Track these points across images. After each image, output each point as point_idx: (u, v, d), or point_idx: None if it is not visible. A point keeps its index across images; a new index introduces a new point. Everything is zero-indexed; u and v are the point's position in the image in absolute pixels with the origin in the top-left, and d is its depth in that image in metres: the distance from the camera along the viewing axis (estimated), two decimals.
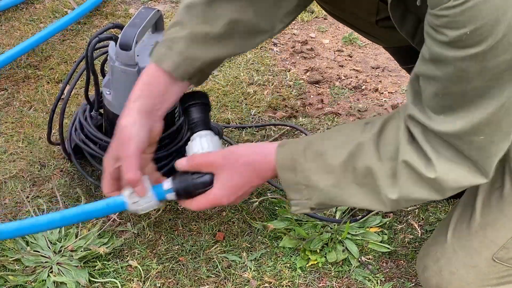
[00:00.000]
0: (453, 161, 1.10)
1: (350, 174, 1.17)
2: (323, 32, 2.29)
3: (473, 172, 1.11)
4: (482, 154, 1.09)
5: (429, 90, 1.07)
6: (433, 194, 1.14)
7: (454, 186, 1.12)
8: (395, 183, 1.14)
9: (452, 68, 1.01)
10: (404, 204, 1.18)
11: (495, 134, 1.06)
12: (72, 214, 1.29)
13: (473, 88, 1.02)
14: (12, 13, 2.23)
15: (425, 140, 1.10)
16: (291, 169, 1.21)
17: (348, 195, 1.19)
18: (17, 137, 1.74)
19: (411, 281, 1.46)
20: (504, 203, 1.24)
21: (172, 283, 1.42)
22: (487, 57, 0.97)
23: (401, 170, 1.13)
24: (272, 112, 1.91)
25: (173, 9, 2.33)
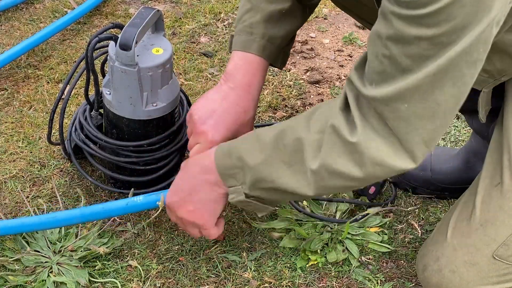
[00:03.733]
0: (377, 132, 1.07)
1: (279, 151, 1.17)
2: (323, 32, 2.29)
3: (397, 150, 1.07)
4: (405, 127, 1.05)
5: (372, 50, 1.05)
6: (354, 167, 1.09)
7: (376, 158, 1.07)
8: (319, 152, 1.12)
9: (393, 25, 0.99)
10: (327, 179, 1.12)
11: (418, 104, 1.02)
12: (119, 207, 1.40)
13: (409, 54, 0.99)
14: (12, 13, 2.23)
15: (356, 106, 1.08)
16: (226, 154, 1.23)
17: (277, 175, 1.17)
18: (17, 137, 1.74)
19: (411, 281, 1.46)
20: (504, 200, 1.24)
21: (172, 283, 1.42)
22: (428, 22, 0.95)
23: (327, 136, 1.11)
24: (272, 112, 1.91)
25: (173, 9, 2.33)
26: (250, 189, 1.22)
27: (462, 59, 0.98)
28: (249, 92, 1.36)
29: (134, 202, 1.39)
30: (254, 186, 1.22)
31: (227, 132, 1.34)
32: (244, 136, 1.26)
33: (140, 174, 1.54)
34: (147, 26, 1.40)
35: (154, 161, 1.53)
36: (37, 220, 1.39)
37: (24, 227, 1.40)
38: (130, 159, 1.51)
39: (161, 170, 1.54)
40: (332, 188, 1.18)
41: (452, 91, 1.01)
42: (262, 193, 1.23)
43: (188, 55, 2.10)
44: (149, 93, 1.43)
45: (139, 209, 1.42)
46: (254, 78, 1.36)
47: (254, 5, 1.38)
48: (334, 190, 1.19)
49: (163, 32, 1.49)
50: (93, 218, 1.43)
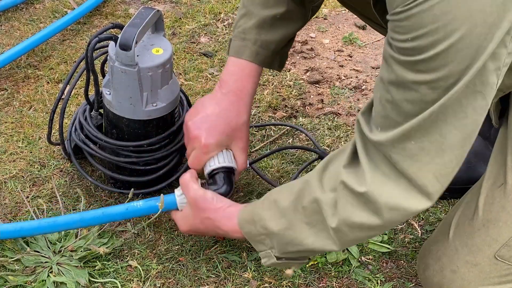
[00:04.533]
0: (388, 177, 1.07)
1: (299, 214, 1.19)
2: (323, 32, 2.29)
3: (410, 191, 1.08)
4: (414, 165, 1.05)
5: (377, 95, 1.07)
6: (371, 216, 1.11)
7: (390, 204, 1.08)
8: (335, 209, 1.14)
9: (393, 70, 1.00)
10: (348, 233, 1.15)
11: (424, 138, 1.03)
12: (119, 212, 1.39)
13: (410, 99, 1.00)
14: (12, 13, 2.22)
15: (364, 152, 1.10)
16: (250, 222, 1.26)
17: (302, 237, 1.20)
18: (17, 137, 1.74)
19: (411, 281, 1.46)
20: (507, 200, 1.24)
21: (172, 283, 1.42)
22: (426, 67, 0.96)
23: (339, 193, 1.13)
24: (272, 112, 1.91)
25: (173, 9, 2.33)
26: (280, 252, 1.25)
27: (460, 94, 0.98)
28: (241, 97, 1.38)
29: (134, 207, 1.39)
30: (283, 250, 1.24)
31: (220, 136, 1.36)
32: (262, 200, 1.28)
33: (140, 174, 1.54)
34: (147, 26, 1.40)
35: (154, 161, 1.53)
36: (37, 224, 1.39)
37: (23, 232, 1.40)
38: (130, 159, 1.51)
39: (161, 170, 1.54)
40: (356, 240, 1.20)
41: (455, 123, 1.02)
42: (292, 254, 1.26)
43: (188, 55, 2.10)
44: (149, 93, 1.43)
45: (139, 214, 1.42)
46: (246, 84, 1.39)
47: (249, 11, 1.40)
48: (359, 241, 1.23)
49: (163, 32, 1.49)
50: (93, 223, 1.42)
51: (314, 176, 1.19)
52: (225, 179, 1.38)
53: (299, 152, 1.76)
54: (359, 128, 1.11)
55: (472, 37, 0.92)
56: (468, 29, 0.91)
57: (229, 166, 1.39)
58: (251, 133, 1.81)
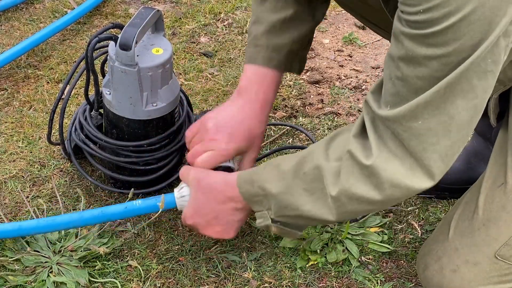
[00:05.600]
0: (394, 153, 1.07)
1: (299, 180, 1.19)
2: (323, 32, 2.29)
3: (414, 169, 1.07)
4: (421, 145, 1.05)
5: (386, 73, 1.06)
6: (372, 190, 1.10)
7: (392, 180, 1.08)
8: (338, 178, 1.13)
9: (404, 46, 1.00)
10: (347, 204, 1.14)
11: (431, 119, 1.03)
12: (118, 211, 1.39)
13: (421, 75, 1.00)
14: (12, 13, 2.22)
15: (372, 129, 1.09)
16: (248, 182, 1.26)
17: (300, 202, 1.19)
18: (17, 137, 1.74)
19: (411, 281, 1.46)
20: (507, 200, 1.24)
21: (172, 283, 1.42)
22: (437, 41, 0.95)
23: (344, 162, 1.12)
24: (272, 112, 1.91)
25: (173, 9, 2.33)
26: (276, 214, 1.25)
27: (471, 72, 0.98)
28: (263, 106, 1.39)
29: (133, 206, 1.39)
30: (279, 212, 1.24)
31: (241, 143, 1.37)
32: (265, 164, 1.28)
33: (140, 174, 1.54)
34: (147, 26, 1.40)
35: (154, 161, 1.53)
36: (35, 224, 1.39)
37: (22, 231, 1.40)
38: (130, 159, 1.51)
39: (161, 170, 1.54)
40: (354, 213, 1.19)
41: (464, 104, 1.01)
42: (288, 219, 1.25)
43: (188, 55, 2.10)
44: (149, 93, 1.43)
45: (138, 213, 1.42)
46: (268, 94, 1.39)
47: (258, 17, 1.40)
48: (356, 214, 1.22)
49: (163, 32, 1.49)
50: (92, 222, 1.42)
51: (320, 145, 1.18)
52: None
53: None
54: (367, 106, 1.11)
55: (485, 10, 0.91)
56: (480, 1, 0.91)
57: (228, 166, 1.39)
58: None
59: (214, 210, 1.32)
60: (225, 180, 1.30)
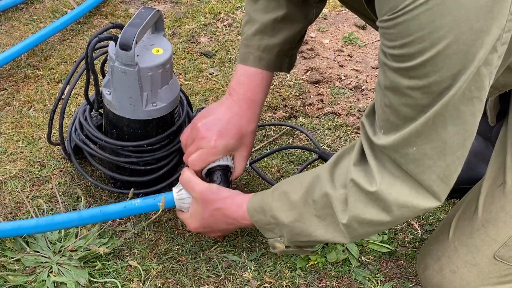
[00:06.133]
0: (396, 176, 1.10)
1: (310, 207, 1.21)
2: (323, 32, 2.29)
3: (418, 190, 1.10)
4: (419, 168, 1.07)
5: (377, 99, 1.09)
6: (381, 213, 1.13)
7: (399, 202, 1.10)
8: (346, 206, 1.16)
9: (388, 77, 1.02)
10: (358, 228, 1.17)
11: (426, 146, 1.05)
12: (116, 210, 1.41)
13: (407, 104, 1.02)
14: (12, 13, 2.23)
15: (372, 154, 1.12)
16: (260, 211, 1.28)
17: (312, 229, 1.22)
18: (17, 137, 1.74)
19: (411, 281, 1.46)
20: (506, 201, 1.24)
21: (172, 283, 1.42)
22: (417, 74, 0.97)
23: (350, 190, 1.14)
24: (272, 112, 1.91)
25: (173, 9, 2.33)
26: (289, 241, 1.27)
27: (456, 100, 0.99)
28: (252, 106, 1.40)
29: (132, 205, 1.39)
30: (292, 239, 1.27)
31: (230, 140, 1.38)
32: (272, 190, 1.30)
33: (140, 174, 1.54)
34: (147, 26, 1.40)
35: (154, 161, 1.53)
36: (35, 223, 1.39)
37: (21, 230, 1.40)
38: (130, 159, 1.51)
39: (161, 170, 1.54)
40: (366, 234, 1.22)
41: (455, 129, 1.03)
42: (301, 243, 1.28)
43: (188, 55, 2.10)
44: (149, 93, 1.43)
45: (137, 212, 1.43)
46: (256, 94, 1.41)
47: (251, 17, 1.42)
48: (368, 235, 1.23)
49: (163, 32, 1.49)
50: (91, 221, 1.43)
51: (325, 171, 1.21)
52: (222, 177, 1.39)
53: (299, 152, 1.76)
54: (364, 131, 1.13)
55: (459, 44, 0.93)
56: (455, 37, 0.92)
57: (226, 165, 1.40)
58: None
59: (221, 229, 1.38)
60: (235, 206, 1.33)
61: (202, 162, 1.39)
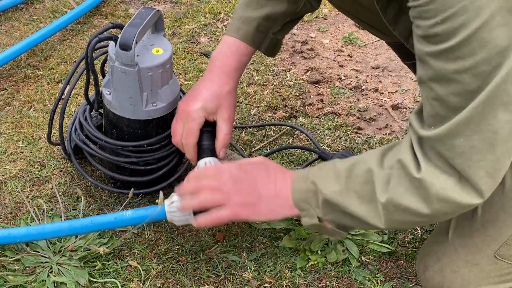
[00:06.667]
0: (441, 169, 1.07)
1: (351, 181, 1.18)
2: (323, 32, 2.29)
3: (463, 185, 1.07)
4: (465, 162, 1.04)
5: (423, 95, 1.07)
6: (420, 203, 1.10)
7: (440, 195, 1.08)
8: (388, 186, 1.13)
9: (431, 67, 0.99)
10: (394, 213, 1.14)
11: (474, 136, 1.02)
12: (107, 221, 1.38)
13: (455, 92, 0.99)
14: (12, 13, 2.23)
15: (419, 148, 1.10)
16: (304, 178, 1.24)
17: (348, 202, 1.18)
18: (17, 137, 1.74)
19: (411, 281, 1.46)
20: (506, 200, 1.24)
21: (172, 283, 1.42)
22: (463, 53, 0.94)
23: (395, 171, 1.12)
24: (272, 112, 1.91)
25: (173, 9, 2.33)
26: (323, 212, 1.22)
27: (508, 82, 0.96)
28: (224, 70, 1.42)
29: (123, 216, 1.38)
30: (327, 210, 1.22)
31: (205, 102, 1.39)
32: (323, 164, 1.28)
33: (140, 174, 1.54)
34: (147, 26, 1.40)
35: (154, 161, 1.53)
36: (25, 232, 1.38)
37: (11, 238, 1.38)
38: (130, 159, 1.51)
39: (161, 170, 1.54)
40: (402, 223, 1.19)
41: (506, 117, 1.00)
42: (335, 217, 1.23)
43: (188, 55, 2.10)
44: (149, 93, 1.43)
45: (128, 224, 1.41)
46: (230, 60, 1.43)
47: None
48: (404, 225, 1.21)
49: (163, 32, 1.49)
50: (81, 232, 1.41)
51: (376, 151, 1.18)
52: None
53: (299, 152, 1.76)
54: (411, 127, 1.11)
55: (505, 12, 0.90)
56: (499, 4, 0.89)
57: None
58: (251, 133, 1.81)
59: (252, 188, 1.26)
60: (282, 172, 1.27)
61: (191, 135, 1.39)
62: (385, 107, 1.97)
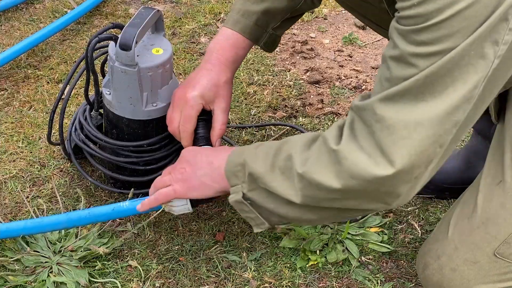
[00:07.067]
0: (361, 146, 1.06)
1: (277, 159, 1.19)
2: (323, 32, 2.29)
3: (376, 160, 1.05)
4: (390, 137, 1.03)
5: (378, 75, 1.07)
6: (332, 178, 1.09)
7: (353, 168, 1.06)
8: (307, 160, 1.13)
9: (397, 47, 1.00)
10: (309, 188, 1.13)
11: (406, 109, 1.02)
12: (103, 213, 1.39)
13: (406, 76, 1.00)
14: (12, 13, 2.23)
15: (349, 124, 1.10)
16: (239, 153, 1.26)
17: (270, 178, 1.19)
18: (17, 137, 1.74)
19: (411, 281, 1.46)
20: (506, 198, 1.24)
21: (172, 283, 1.42)
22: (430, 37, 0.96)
23: (316, 145, 1.14)
24: (272, 112, 1.91)
25: (173, 9, 2.33)
26: (248, 188, 1.23)
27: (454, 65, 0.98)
28: (221, 62, 1.43)
29: (120, 207, 1.39)
30: (252, 186, 1.22)
31: (203, 90, 1.40)
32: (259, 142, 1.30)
33: (140, 174, 1.54)
34: (147, 26, 1.40)
35: (154, 161, 1.53)
36: (23, 225, 1.39)
37: (9, 232, 1.39)
38: (130, 159, 1.51)
39: (161, 170, 1.54)
40: (316, 200, 1.16)
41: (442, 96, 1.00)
42: (257, 196, 1.23)
43: (188, 55, 2.10)
44: (149, 93, 1.43)
45: (125, 215, 1.42)
46: (227, 52, 1.43)
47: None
48: (318, 202, 1.16)
49: (163, 32, 1.49)
50: (79, 224, 1.42)
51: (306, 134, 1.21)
52: None
53: None
54: (352, 104, 1.11)
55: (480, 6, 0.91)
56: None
57: None
58: (251, 133, 1.82)
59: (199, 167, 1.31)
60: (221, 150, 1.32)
61: (189, 121, 1.40)
62: None
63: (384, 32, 1.62)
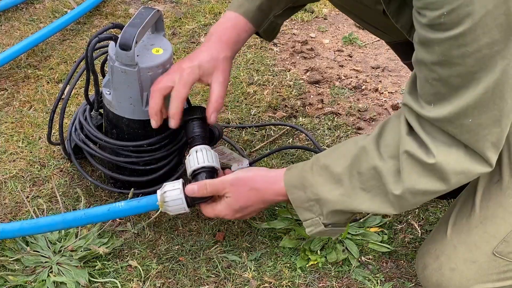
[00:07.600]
0: (448, 145, 1.13)
1: (355, 180, 1.22)
2: (323, 32, 2.29)
3: (470, 156, 1.13)
4: (473, 138, 1.11)
5: (421, 76, 1.11)
6: (437, 182, 1.15)
7: (456, 169, 1.13)
8: (399, 178, 1.17)
9: (435, 52, 1.04)
10: (410, 199, 1.19)
11: (482, 116, 1.09)
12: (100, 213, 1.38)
13: (458, 73, 1.05)
14: (12, 13, 2.23)
15: (420, 127, 1.14)
16: (299, 187, 1.27)
17: (357, 202, 1.22)
18: (17, 137, 1.74)
19: (411, 281, 1.46)
20: (503, 196, 1.24)
21: (172, 283, 1.42)
22: (467, 40, 1.00)
23: (404, 162, 1.16)
24: (272, 112, 1.91)
25: (173, 9, 2.33)
26: (328, 218, 1.27)
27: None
28: (222, 40, 1.43)
29: (116, 208, 1.38)
30: (333, 216, 1.26)
31: (202, 62, 1.40)
32: (311, 166, 1.28)
33: (140, 174, 1.54)
34: (147, 26, 1.40)
35: (154, 161, 1.53)
36: (19, 226, 1.38)
37: (4, 233, 1.38)
38: (130, 159, 1.51)
39: (161, 170, 1.54)
40: (417, 204, 1.25)
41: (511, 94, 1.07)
42: (341, 218, 1.28)
43: None
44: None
45: (121, 215, 1.42)
46: (229, 32, 1.44)
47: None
48: (418, 204, 1.28)
49: (163, 32, 1.49)
50: (75, 224, 1.41)
51: (370, 142, 1.21)
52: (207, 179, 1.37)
53: (299, 152, 1.76)
54: (407, 107, 1.15)
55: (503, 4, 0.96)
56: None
57: (211, 166, 1.38)
58: (251, 133, 1.82)
59: (259, 208, 1.36)
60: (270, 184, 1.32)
61: (183, 86, 1.37)
62: (385, 107, 1.97)
63: (378, 32, 1.63)
